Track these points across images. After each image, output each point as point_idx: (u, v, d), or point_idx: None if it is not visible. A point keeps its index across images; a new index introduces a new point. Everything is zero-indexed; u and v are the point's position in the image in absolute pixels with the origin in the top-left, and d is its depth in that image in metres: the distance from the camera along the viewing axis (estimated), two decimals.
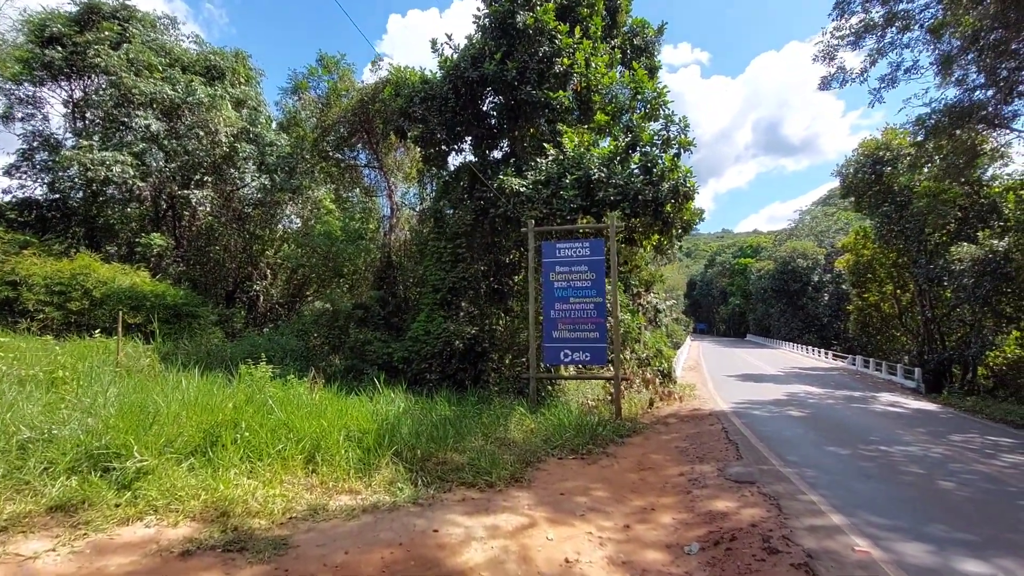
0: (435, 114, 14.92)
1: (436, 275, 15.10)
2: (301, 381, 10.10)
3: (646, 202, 12.79)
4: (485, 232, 15.50)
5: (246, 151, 18.80)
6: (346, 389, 12.05)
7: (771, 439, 9.46)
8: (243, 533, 4.88)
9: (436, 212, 15.84)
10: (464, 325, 14.42)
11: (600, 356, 11.66)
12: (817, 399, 15.21)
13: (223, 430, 6.45)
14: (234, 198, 23.70)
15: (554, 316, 12.00)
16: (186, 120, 17.96)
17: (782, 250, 57.11)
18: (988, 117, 15.28)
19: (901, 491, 6.51)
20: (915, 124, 16.08)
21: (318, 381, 9.81)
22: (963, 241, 20.01)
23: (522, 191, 13.36)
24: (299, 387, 9.45)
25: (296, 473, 6.24)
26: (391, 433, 7.32)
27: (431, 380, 14.05)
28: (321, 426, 6.92)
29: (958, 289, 18.37)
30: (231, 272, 25.11)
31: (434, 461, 7.19)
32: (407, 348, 14.61)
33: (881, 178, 23.18)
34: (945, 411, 14.12)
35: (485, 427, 9.16)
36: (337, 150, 22.51)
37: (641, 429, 10.67)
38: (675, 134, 14.13)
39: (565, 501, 6.12)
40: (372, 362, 14.64)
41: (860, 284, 28.42)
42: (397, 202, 21.98)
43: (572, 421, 9.96)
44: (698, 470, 7.51)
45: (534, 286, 12.29)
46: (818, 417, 12.22)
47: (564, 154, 14.10)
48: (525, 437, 9.10)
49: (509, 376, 14.02)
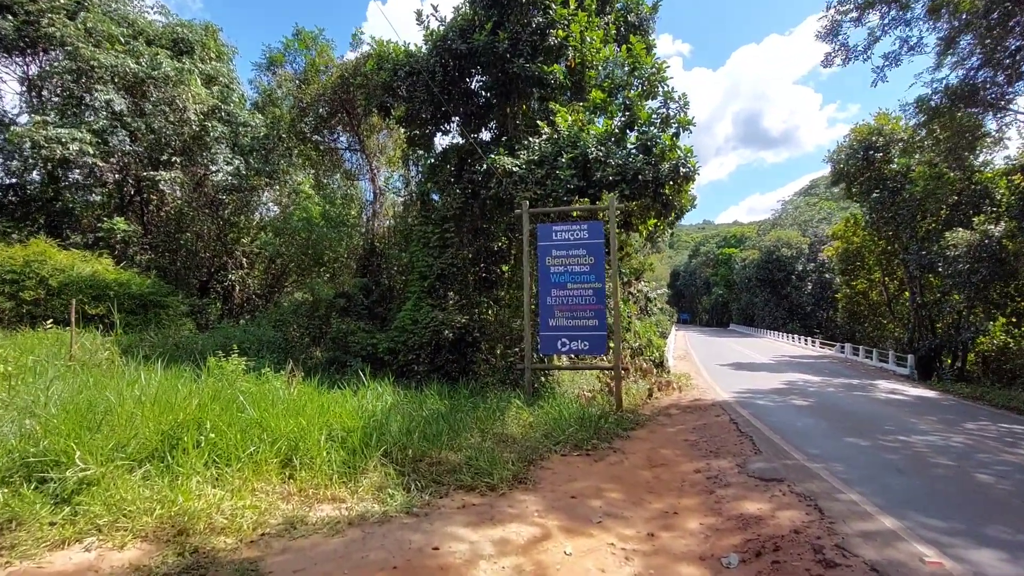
0: (421, 90, 14.01)
1: (423, 261, 14.28)
2: (278, 375, 9.26)
3: (646, 182, 12.14)
4: (475, 216, 14.71)
5: (217, 131, 17.60)
6: (328, 383, 11.22)
7: (784, 430, 8.93)
8: (204, 556, 4.10)
9: (422, 195, 14.98)
10: (453, 314, 13.66)
11: (600, 345, 11.01)
12: (817, 387, 14.83)
13: (185, 432, 5.62)
14: (206, 182, 22.44)
15: (550, 303, 11.29)
16: (151, 97, 16.71)
17: (767, 239, 57.28)
18: (988, 99, 14.93)
19: (941, 486, 5.99)
20: (916, 105, 15.67)
21: (296, 374, 8.97)
22: (954, 227, 19.82)
23: (515, 171, 12.59)
24: (275, 381, 8.63)
25: (270, 480, 5.45)
26: (379, 431, 6.56)
27: (419, 372, 13.28)
28: (300, 425, 6.12)
29: (952, 275, 18.16)
30: (205, 261, 23.85)
31: (427, 462, 6.46)
32: (393, 339, 13.81)
33: (873, 164, 22.90)
34: (946, 398, 13.84)
35: (480, 422, 8.45)
36: (316, 132, 21.39)
37: (644, 421, 10.07)
38: (675, 112, 13.47)
39: (578, 505, 5.44)
40: (356, 354, 13.80)
41: (849, 272, 28.33)
42: (380, 186, 20.99)
43: (572, 414, 9.31)
44: (716, 466, 6.90)
45: (529, 271, 11.56)
46: (824, 406, 11.77)
47: (559, 133, 13.34)
48: (524, 432, 8.42)
49: (502, 367, 13.32)
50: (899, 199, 21.57)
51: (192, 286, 23.46)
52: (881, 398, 13.30)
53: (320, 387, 10.48)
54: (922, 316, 22.33)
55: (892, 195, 21.44)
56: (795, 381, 16.23)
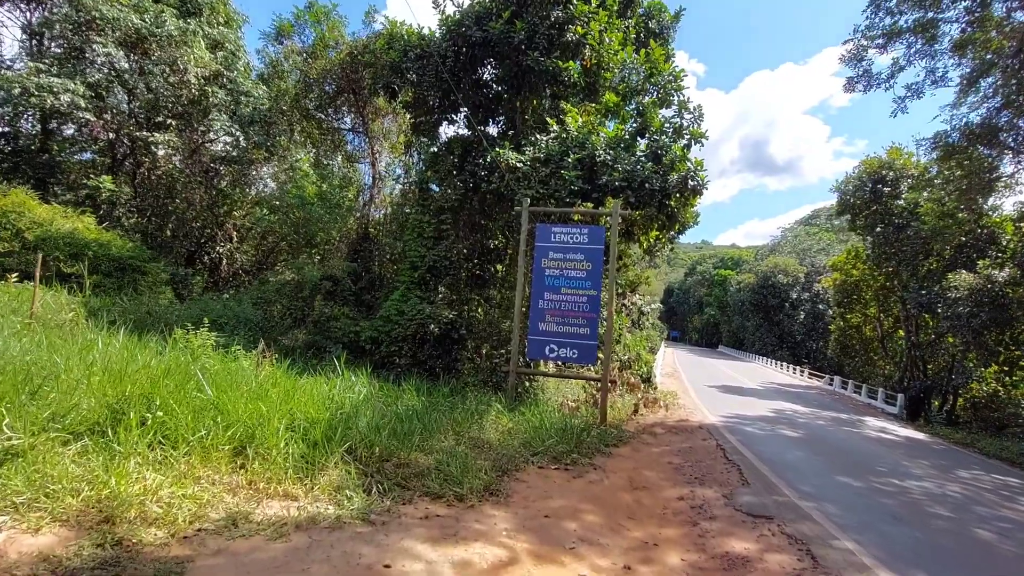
0: (430, 75, 13.55)
1: (416, 251, 13.81)
2: (249, 354, 8.77)
3: (652, 191, 11.74)
4: (473, 210, 14.26)
5: (218, 97, 17.05)
6: (303, 368, 10.74)
7: (774, 462, 8.53)
8: (127, 549, 3.62)
9: (422, 183, 14.52)
10: (441, 308, 13.20)
11: (589, 354, 10.60)
12: (806, 419, 14.48)
13: (131, 406, 5.13)
14: (203, 150, 21.87)
15: (542, 306, 10.87)
16: (153, 55, 16.15)
17: (764, 265, 57.19)
18: (1009, 142, 14.68)
19: (941, 540, 5.60)
20: (933, 141, 15.38)
21: (267, 356, 8.48)
22: (957, 269, 19.57)
23: (519, 167, 12.16)
24: (244, 361, 8.13)
25: (219, 468, 4.96)
26: (345, 425, 6.09)
27: (400, 365, 12.82)
28: (259, 411, 5.64)
29: (951, 317, 17.90)
30: (194, 231, 23.26)
31: (395, 462, 6.00)
32: (377, 328, 13.33)
33: (880, 198, 22.66)
34: (936, 442, 13.54)
35: (457, 424, 7.99)
36: (320, 110, 20.89)
37: (628, 438, 9.65)
38: (688, 123, 13.11)
39: (551, 526, 5.01)
40: (336, 340, 13.32)
41: (845, 304, 28.11)
42: (380, 171, 20.49)
43: (554, 424, 8.88)
44: (700, 495, 6.48)
45: (523, 271, 11.13)
46: (814, 440, 11.41)
47: (567, 132, 12.94)
48: (501, 439, 7.97)
49: (486, 368, 12.88)
50: (903, 235, 21.33)
51: (179, 255, 22.89)
52: (872, 436, 12.96)
53: (292, 372, 9.99)
54: (915, 356, 22.09)
55: (897, 231, 21.20)
56: (784, 410, 15.89)
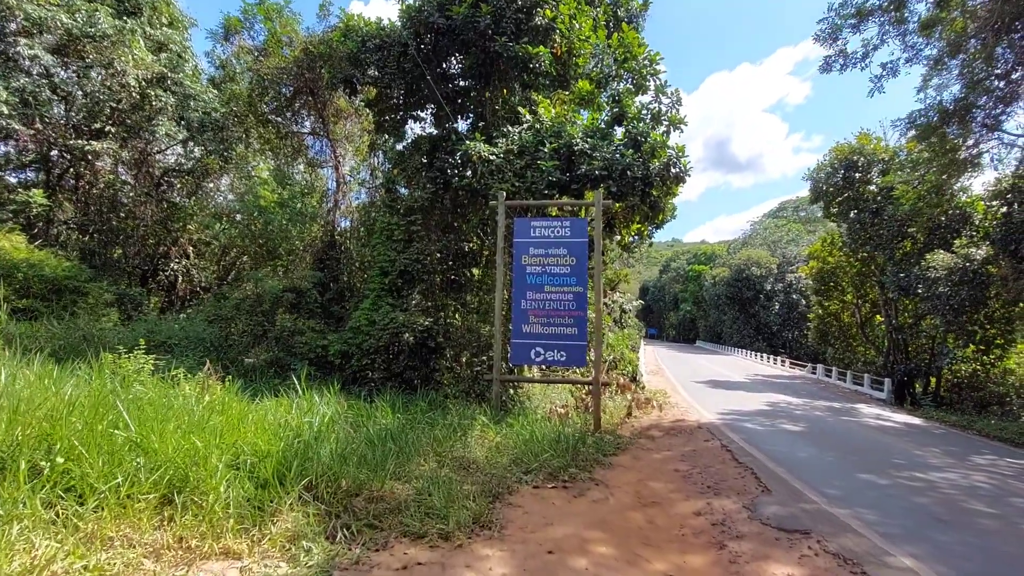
0: (391, 67, 12.64)
1: (385, 255, 12.83)
2: (194, 378, 7.68)
3: (634, 179, 11.07)
4: (445, 209, 13.37)
5: (162, 101, 15.77)
6: (262, 389, 9.67)
7: (787, 462, 7.87)
8: None
9: (388, 182, 13.55)
10: (416, 315, 12.24)
11: (579, 356, 9.81)
12: (802, 411, 13.99)
13: (21, 453, 4.08)
14: (151, 161, 20.43)
15: (525, 307, 10.04)
16: (88, 57, 14.79)
17: (737, 258, 57.68)
18: (983, 120, 14.56)
19: (1001, 545, 4.96)
20: (907, 121, 15.19)
21: (213, 377, 7.41)
22: (934, 250, 19.55)
23: (492, 159, 11.34)
24: (188, 386, 7.05)
25: (140, 524, 3.95)
26: (304, 456, 5.12)
27: (373, 379, 11.80)
28: (193, 448, 4.63)
29: (931, 298, 17.79)
30: (148, 248, 21.72)
31: (366, 497, 5.06)
32: (346, 340, 12.29)
33: (852, 184, 22.64)
34: (933, 426, 13.19)
35: (438, 443, 7.08)
36: (277, 113, 19.71)
37: (625, 445, 8.87)
38: (666, 108, 12.51)
39: (557, 566, 4.15)
40: (302, 356, 12.21)
41: (823, 292, 28.12)
42: (344, 175, 19.39)
43: (546, 435, 8.03)
44: (719, 508, 5.72)
45: (503, 270, 10.29)
46: (818, 433, 10.85)
47: (541, 123, 12.20)
48: (489, 457, 7.08)
49: (467, 377, 11.97)
50: (878, 220, 21.28)
51: (132, 274, 21.36)
52: (871, 424, 12.52)
53: (247, 394, 8.91)
54: (896, 339, 22.05)
55: (873, 215, 21.14)
56: (778, 402, 15.40)
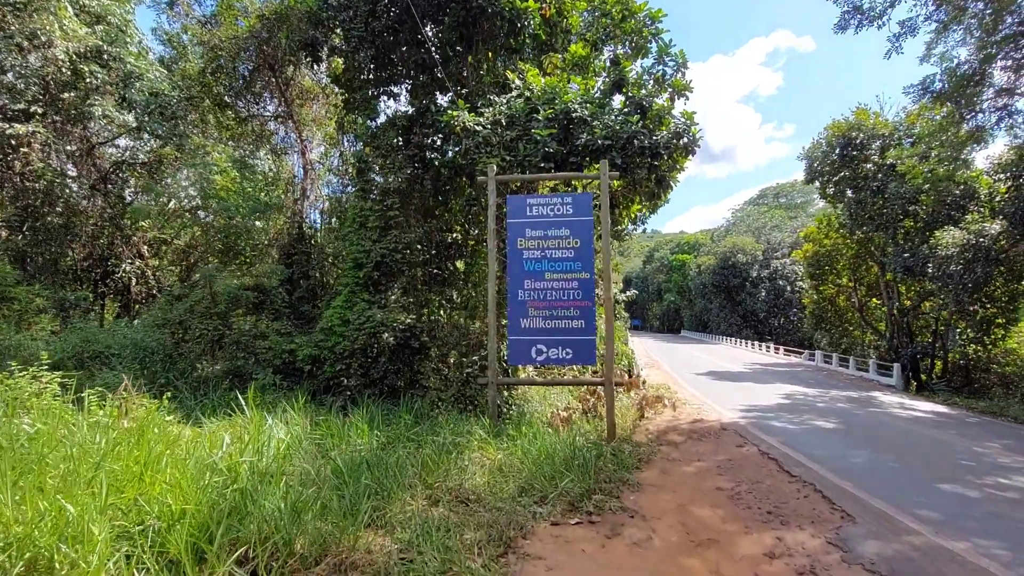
0: (359, 29, 11.05)
1: (358, 246, 11.28)
2: (117, 397, 6.10)
3: (642, 149, 9.71)
4: (425, 192, 11.88)
5: (98, 78, 13.87)
6: (216, 406, 8.11)
7: (846, 471, 6.65)
8: None
9: (360, 162, 11.98)
10: (396, 313, 10.75)
11: (587, 353, 8.44)
12: (824, 403, 12.89)
13: None
14: (96, 152, 18.45)
15: (523, 298, 8.64)
16: (7, 29, 12.85)
17: (722, 245, 57.20)
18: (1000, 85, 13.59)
19: None
20: (920, 88, 14.14)
21: (128, 397, 5.86)
22: (937, 229, 18.68)
23: (478, 130, 9.87)
24: (101, 411, 5.48)
25: None
26: (238, 514, 3.64)
27: (349, 387, 10.28)
28: (61, 514, 3.12)
29: (942, 277, 16.90)
30: (99, 248, 19.71)
31: (331, 564, 3.61)
32: (317, 343, 10.74)
33: (851, 162, 21.71)
34: (963, 414, 12.22)
35: (427, 469, 5.64)
36: (237, 96, 17.89)
37: (647, 455, 7.56)
38: (670, 72, 11.19)
39: None
40: (266, 362, 10.63)
41: (818, 276, 27.30)
42: (312, 160, 17.67)
43: (556, 450, 6.65)
44: (795, 543, 4.42)
45: (495, 256, 8.86)
46: (855, 429, 9.73)
47: (531, 90, 10.76)
48: (492, 483, 5.68)
49: (456, 380, 10.53)
50: (879, 198, 20.37)
51: (81, 278, 19.42)
52: (902, 415, 11.46)
53: (194, 414, 7.38)
54: (901, 322, 21.25)
55: (874, 194, 20.22)
56: (793, 394, 14.31)
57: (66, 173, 16.77)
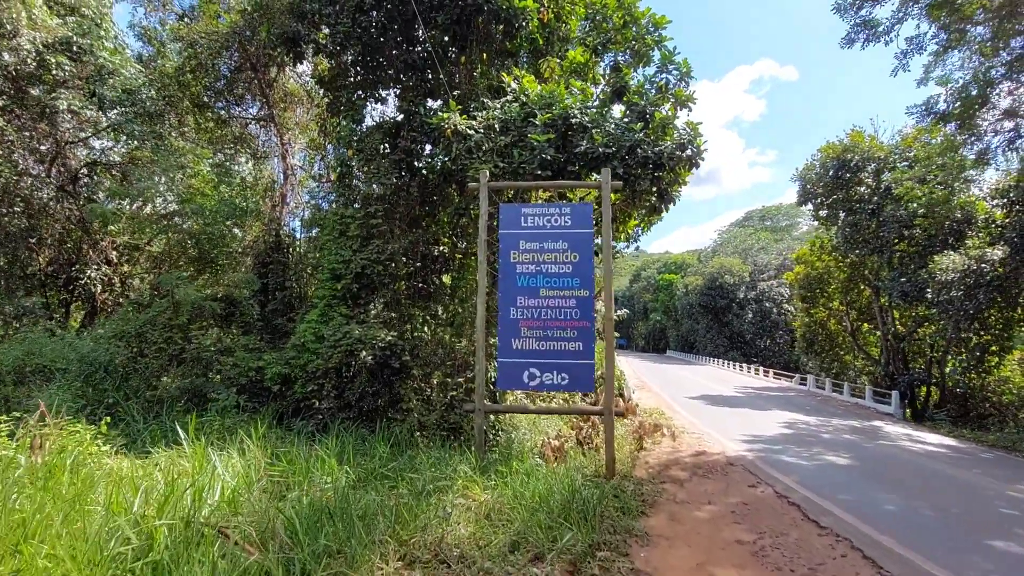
0: (345, 24, 10.35)
1: (337, 255, 10.44)
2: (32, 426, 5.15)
3: (645, 160, 9.09)
4: (411, 199, 11.11)
5: (65, 71, 12.94)
6: (166, 433, 7.16)
7: (880, 521, 5.90)
8: None
9: (341, 165, 11.20)
10: (376, 329, 9.87)
11: (585, 379, 7.65)
12: (829, 434, 12.21)
13: None
14: (66, 151, 17.43)
15: (515, 316, 7.86)
16: None
17: (710, 266, 57.17)
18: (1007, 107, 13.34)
19: None
20: (923, 108, 13.85)
21: (47, 425, 4.94)
22: (934, 253, 18.39)
23: (470, 134, 9.17)
24: (8, 442, 4.54)
25: None
26: None
27: (321, 411, 9.35)
28: None
29: (942, 303, 16.52)
30: (65, 253, 18.57)
31: None
32: (287, 361, 9.82)
33: (845, 184, 21.49)
34: (976, 448, 11.62)
35: (403, 520, 4.75)
36: (217, 96, 17.09)
37: (651, 496, 6.75)
38: (673, 82, 10.65)
39: None
40: (231, 381, 9.65)
41: (809, 299, 26.97)
42: (293, 165, 16.83)
43: (552, 492, 5.81)
44: None
45: (485, 269, 8.09)
46: (871, 466, 9.06)
47: (527, 95, 10.13)
48: (478, 535, 4.82)
49: (440, 404, 9.66)
50: (875, 221, 20.09)
51: (46, 284, 18.30)
52: (914, 450, 10.82)
53: (132, 442, 6.44)
54: (896, 348, 20.85)
55: (870, 216, 19.94)
56: (794, 423, 13.63)
57: (27, 172, 15.70)
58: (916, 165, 17.71)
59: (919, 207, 17.10)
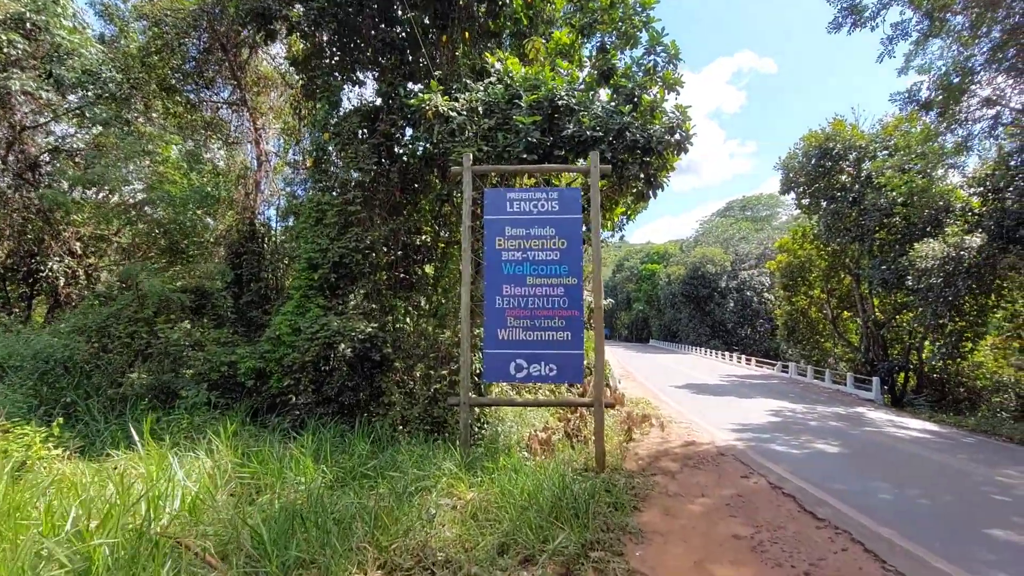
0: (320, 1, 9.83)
1: (314, 244, 9.97)
2: None
3: (634, 143, 8.80)
4: (391, 185, 10.67)
5: (18, 48, 12.12)
6: (123, 434, 6.72)
7: (879, 512, 5.77)
8: None
9: (317, 149, 10.71)
10: (355, 320, 9.48)
11: (574, 370, 7.40)
12: (816, 421, 12.19)
13: None
14: (24, 136, 16.50)
15: (500, 306, 7.55)
16: None
17: (693, 256, 57.53)
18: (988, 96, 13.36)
19: None
20: (906, 96, 13.81)
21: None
22: (914, 241, 18.56)
23: (452, 115, 8.77)
24: None
25: None
26: None
27: (298, 406, 8.94)
28: None
29: (922, 290, 16.67)
30: (25, 244, 17.67)
31: None
32: (262, 355, 9.39)
33: (827, 173, 21.56)
34: (957, 433, 11.70)
35: (383, 524, 4.43)
36: (186, 79, 16.33)
37: (643, 490, 6.53)
38: (661, 64, 10.36)
39: None
40: (202, 377, 9.17)
41: (791, 287, 27.17)
42: (267, 151, 16.18)
43: (541, 489, 5.54)
44: None
45: (470, 257, 7.74)
46: (860, 453, 9.00)
47: (511, 77, 9.75)
48: (464, 538, 4.53)
49: (423, 397, 9.32)
50: (856, 209, 20.19)
51: (5, 276, 17.43)
52: (900, 436, 10.82)
53: (90, 445, 6.01)
54: (876, 335, 21.09)
55: (852, 204, 20.03)
56: (780, 411, 13.62)
57: None
58: (896, 154, 17.77)
59: (899, 196, 17.19)
